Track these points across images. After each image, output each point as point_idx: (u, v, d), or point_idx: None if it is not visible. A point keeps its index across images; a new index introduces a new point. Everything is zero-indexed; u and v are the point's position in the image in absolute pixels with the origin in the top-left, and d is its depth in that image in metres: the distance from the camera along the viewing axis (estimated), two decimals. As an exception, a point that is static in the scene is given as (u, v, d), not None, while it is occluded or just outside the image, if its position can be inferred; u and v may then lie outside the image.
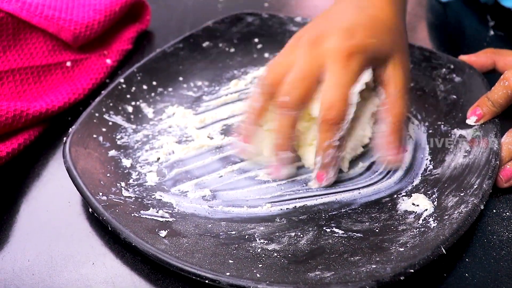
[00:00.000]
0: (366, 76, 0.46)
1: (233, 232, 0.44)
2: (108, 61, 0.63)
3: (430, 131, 0.53)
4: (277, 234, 0.44)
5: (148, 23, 0.70)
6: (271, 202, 0.47)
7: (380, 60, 0.47)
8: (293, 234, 0.44)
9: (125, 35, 0.67)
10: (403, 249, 0.40)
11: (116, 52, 0.64)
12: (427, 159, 0.50)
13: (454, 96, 0.55)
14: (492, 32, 0.68)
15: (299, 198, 0.47)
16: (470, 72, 0.55)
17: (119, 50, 0.65)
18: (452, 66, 0.56)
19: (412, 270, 0.37)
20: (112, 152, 0.51)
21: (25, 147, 0.52)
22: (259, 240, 0.43)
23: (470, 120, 0.51)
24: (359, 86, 0.45)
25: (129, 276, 0.42)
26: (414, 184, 0.48)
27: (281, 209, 0.46)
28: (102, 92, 0.56)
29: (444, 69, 0.57)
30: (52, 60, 0.59)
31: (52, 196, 0.49)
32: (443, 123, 0.53)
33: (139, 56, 0.66)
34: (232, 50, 0.65)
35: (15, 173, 0.51)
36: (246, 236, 0.44)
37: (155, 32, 0.72)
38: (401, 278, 0.37)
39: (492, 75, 0.55)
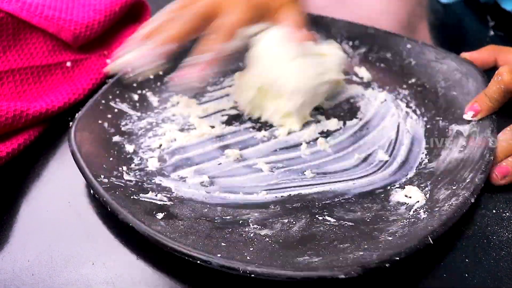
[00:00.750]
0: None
1: (228, 217, 0.45)
2: (108, 61, 0.62)
3: (428, 126, 0.53)
4: (271, 220, 0.45)
5: (148, 23, 0.71)
6: (267, 190, 0.48)
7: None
8: (286, 220, 0.45)
9: (125, 35, 0.65)
10: (391, 238, 0.41)
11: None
12: (423, 153, 0.51)
13: (454, 93, 0.55)
14: (492, 32, 0.68)
15: (294, 186, 0.48)
16: (471, 69, 0.55)
17: (119, 50, 0.65)
18: (453, 63, 0.57)
19: (398, 258, 0.38)
20: (116, 138, 0.53)
21: (25, 147, 0.52)
22: (252, 225, 0.44)
23: (467, 115, 0.51)
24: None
25: (129, 276, 0.42)
26: (409, 176, 0.49)
27: (276, 196, 0.47)
28: (109, 80, 0.58)
29: (445, 66, 0.57)
30: (52, 60, 0.59)
31: (52, 196, 0.49)
32: (441, 118, 0.54)
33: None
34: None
35: (15, 173, 0.51)
36: (240, 221, 0.45)
37: (155, 32, 0.72)
38: (386, 265, 0.38)
39: (493, 72, 0.55)
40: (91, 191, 0.46)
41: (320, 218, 0.45)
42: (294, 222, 0.45)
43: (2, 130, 0.50)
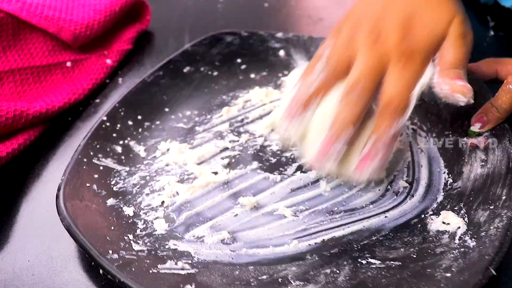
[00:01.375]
0: (428, 73, 0.45)
1: (264, 277, 0.41)
2: (108, 61, 0.63)
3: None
4: (312, 273, 0.41)
5: (148, 23, 0.70)
6: (297, 238, 0.44)
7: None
8: (328, 271, 0.41)
9: (125, 35, 0.67)
10: (449, 274, 0.38)
11: (116, 52, 0.64)
12: (444, 172, 0.49)
13: (456, 104, 0.53)
14: (492, 33, 0.68)
15: (325, 230, 0.44)
16: (469, 78, 0.54)
17: (119, 50, 0.65)
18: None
19: (470, 298, 0.35)
20: (111, 201, 0.46)
21: (25, 147, 0.52)
22: (294, 282, 0.40)
23: (475, 127, 0.50)
24: (419, 87, 0.45)
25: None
26: (439, 200, 0.46)
27: (309, 244, 0.43)
28: (86, 134, 0.51)
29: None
30: (52, 60, 0.60)
31: (52, 196, 0.45)
32: (450, 132, 0.52)
33: (139, 56, 0.67)
34: (215, 73, 0.61)
35: (15, 173, 0.51)
36: (279, 279, 0.40)
37: (155, 32, 0.71)
38: (461, 308, 0.35)
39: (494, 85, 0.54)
40: (101, 271, 0.40)
41: (364, 262, 0.41)
42: (337, 271, 0.41)
43: (2, 130, 0.51)
